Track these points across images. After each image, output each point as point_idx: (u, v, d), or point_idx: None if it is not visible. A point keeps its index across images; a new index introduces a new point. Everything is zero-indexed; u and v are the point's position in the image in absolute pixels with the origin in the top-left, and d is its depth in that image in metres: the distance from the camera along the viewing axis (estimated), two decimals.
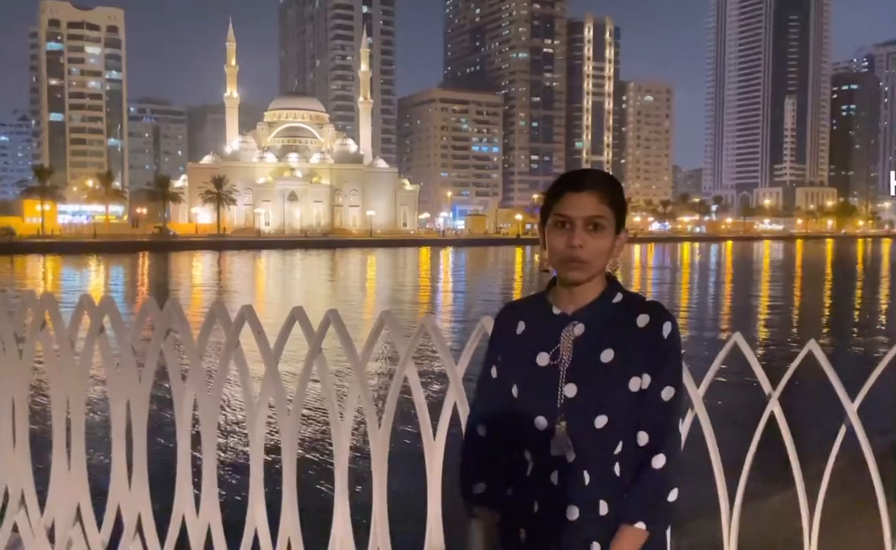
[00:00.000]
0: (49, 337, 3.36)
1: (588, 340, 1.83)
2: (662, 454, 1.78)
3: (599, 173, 1.87)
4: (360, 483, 3.62)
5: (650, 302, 1.85)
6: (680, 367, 1.83)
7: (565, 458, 1.80)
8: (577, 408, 1.79)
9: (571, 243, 1.80)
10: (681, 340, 1.84)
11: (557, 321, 1.87)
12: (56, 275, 52.28)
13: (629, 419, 1.79)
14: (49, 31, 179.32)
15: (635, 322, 1.82)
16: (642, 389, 1.79)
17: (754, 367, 2.89)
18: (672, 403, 1.80)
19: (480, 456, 1.95)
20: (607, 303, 1.86)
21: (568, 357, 1.82)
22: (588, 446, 1.79)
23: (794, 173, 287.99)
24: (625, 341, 1.80)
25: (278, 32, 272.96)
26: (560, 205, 1.82)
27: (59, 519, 3.34)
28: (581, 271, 1.82)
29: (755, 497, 3.28)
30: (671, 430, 1.81)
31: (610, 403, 1.79)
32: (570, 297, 1.87)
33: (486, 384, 1.96)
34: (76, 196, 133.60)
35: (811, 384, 3.45)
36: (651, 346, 1.79)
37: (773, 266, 66.67)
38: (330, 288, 43.59)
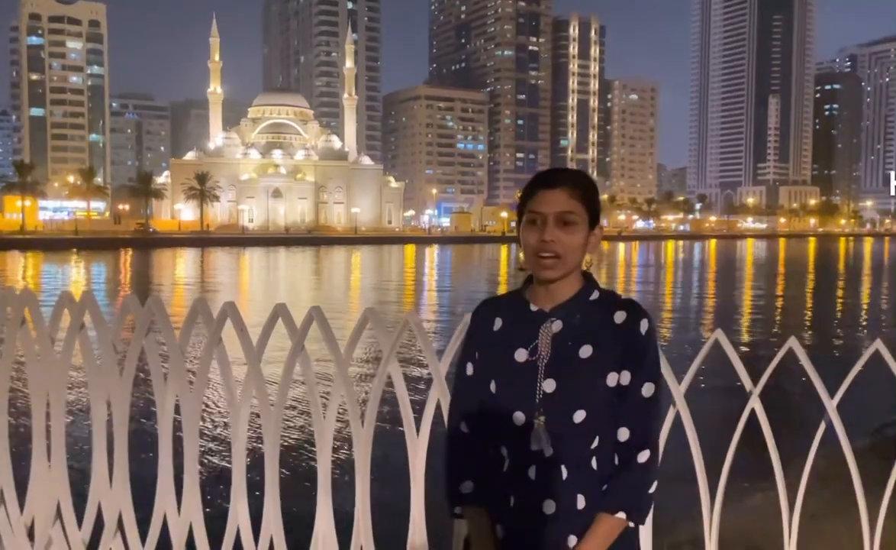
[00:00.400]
0: (29, 334, 3.33)
1: (566, 336, 1.84)
2: (648, 450, 1.82)
3: (572, 171, 1.89)
4: (344, 480, 3.61)
5: (626, 300, 1.87)
6: (658, 363, 1.86)
7: (543, 453, 1.81)
8: (556, 403, 1.81)
9: (543, 238, 1.82)
10: (657, 337, 1.88)
11: (535, 318, 1.88)
12: (36, 272, 51.78)
13: (606, 413, 1.82)
14: (30, 25, 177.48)
15: (612, 319, 1.84)
16: (620, 384, 1.81)
17: (735, 364, 2.90)
18: (652, 399, 1.83)
19: (466, 455, 1.94)
20: (584, 300, 1.87)
21: (546, 353, 1.84)
22: (566, 440, 1.81)
23: (778, 172, 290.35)
24: (602, 337, 1.82)
25: (262, 28, 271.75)
26: (532, 202, 1.85)
27: (39, 517, 3.30)
28: (553, 268, 1.83)
29: (737, 494, 3.30)
30: (654, 426, 1.85)
31: (588, 398, 1.81)
32: (546, 294, 1.88)
33: (463, 382, 1.97)
34: (57, 192, 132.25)
35: (795, 381, 3.48)
36: (629, 343, 1.81)
37: (756, 265, 67.16)
38: (314, 286, 43.46)
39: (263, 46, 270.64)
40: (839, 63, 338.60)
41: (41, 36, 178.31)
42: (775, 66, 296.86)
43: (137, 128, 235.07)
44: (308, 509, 3.13)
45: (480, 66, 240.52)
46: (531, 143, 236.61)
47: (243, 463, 3.03)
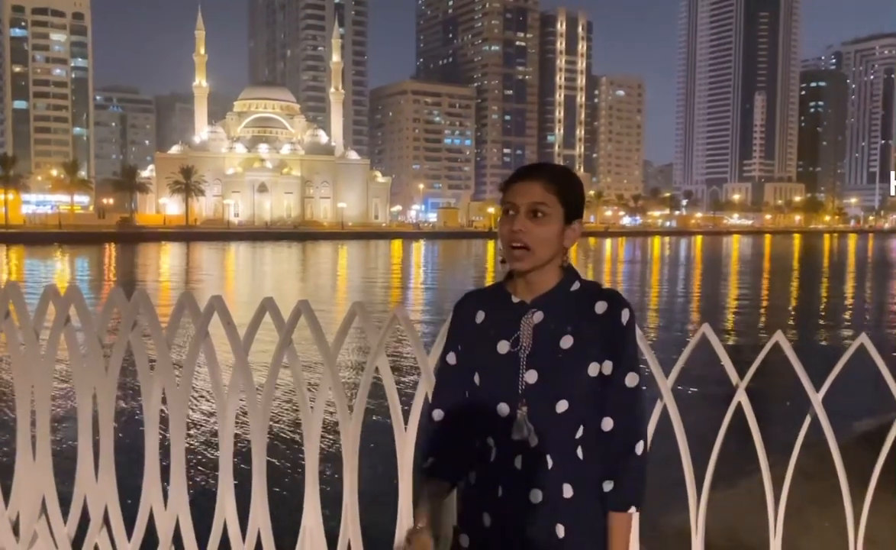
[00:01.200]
0: (13, 328, 3.30)
1: (547, 327, 1.86)
2: (642, 441, 1.85)
3: (550, 165, 1.90)
4: (331, 474, 3.61)
5: (608, 290, 1.89)
6: (636, 353, 1.88)
7: (528, 443, 1.83)
8: (538, 394, 1.82)
9: (513, 227, 1.84)
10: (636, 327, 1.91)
11: (516, 310, 1.89)
12: (20, 265, 51.34)
13: (589, 403, 1.84)
14: (13, 16, 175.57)
15: (594, 309, 1.85)
16: (602, 374, 1.83)
17: (722, 358, 2.92)
18: (637, 388, 1.85)
19: (433, 437, 1.97)
20: (565, 291, 1.89)
21: (528, 344, 1.85)
22: (550, 430, 1.82)
23: (763, 169, 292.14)
24: (583, 327, 1.84)
25: (248, 21, 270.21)
26: (508, 193, 1.87)
27: (24, 512, 3.28)
28: (524, 259, 1.85)
29: (722, 487, 3.32)
30: (641, 415, 1.87)
31: (570, 388, 1.82)
32: (526, 286, 1.90)
33: (444, 373, 2.01)
34: (41, 186, 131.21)
35: (781, 375, 3.50)
36: (610, 333, 1.83)
37: (741, 261, 67.57)
38: (300, 280, 43.35)
39: (249, 40, 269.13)
40: (825, 61, 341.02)
41: (24, 28, 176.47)
42: (761, 64, 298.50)
43: (122, 121, 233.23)
44: (296, 502, 3.12)
45: (468, 61, 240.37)
46: (518, 138, 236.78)
47: (230, 457, 3.03)
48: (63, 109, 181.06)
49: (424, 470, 1.97)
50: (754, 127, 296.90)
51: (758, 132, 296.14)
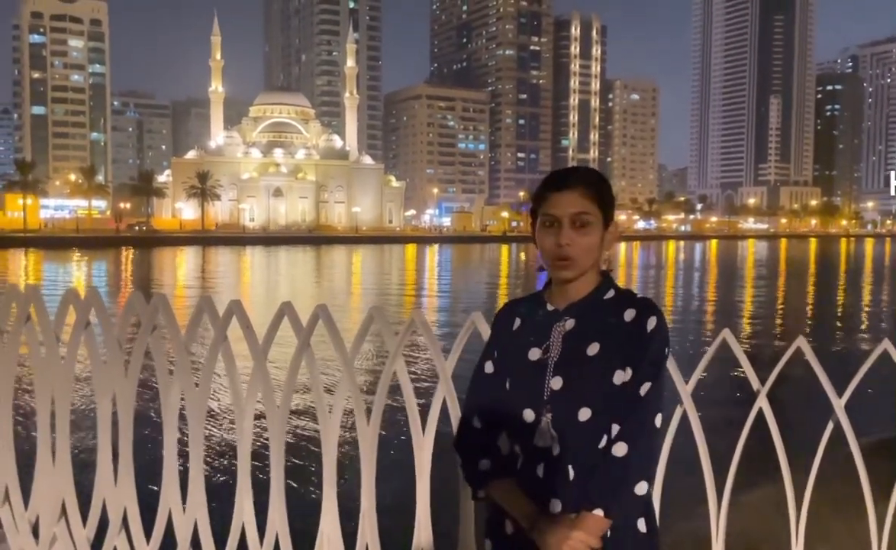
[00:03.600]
0: (34, 331, 3.32)
1: (577, 334, 1.85)
2: (624, 443, 1.76)
3: (584, 170, 1.88)
4: (349, 478, 3.61)
5: (640, 298, 1.86)
6: (661, 363, 1.82)
7: (551, 451, 1.81)
8: (562, 400, 1.81)
9: (559, 241, 1.82)
10: (667, 337, 1.84)
11: (550, 317, 1.90)
12: (38, 270, 51.79)
13: (613, 412, 1.80)
14: (32, 23, 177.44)
15: (623, 317, 1.83)
16: (625, 382, 1.80)
17: (743, 363, 2.89)
18: (647, 397, 1.78)
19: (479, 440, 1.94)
20: (599, 299, 1.87)
21: (557, 351, 1.85)
22: (573, 439, 1.80)
23: (779, 173, 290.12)
24: (611, 335, 1.82)
25: (263, 27, 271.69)
26: (546, 204, 1.85)
27: (44, 514, 3.30)
28: (570, 268, 1.84)
29: (742, 492, 3.29)
30: (640, 422, 1.78)
31: (593, 396, 1.80)
32: (562, 293, 1.90)
33: (479, 378, 1.99)
34: (59, 190, 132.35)
35: (799, 380, 3.47)
36: (634, 339, 1.80)
37: (757, 265, 67.12)
38: (316, 284, 43.46)
39: (265, 45, 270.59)
40: (841, 64, 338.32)
41: (43, 34, 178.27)
42: (777, 67, 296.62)
43: (139, 126, 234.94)
44: (313, 507, 3.12)
45: (482, 65, 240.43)
46: (532, 142, 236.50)
47: (248, 461, 3.03)
48: (81, 115, 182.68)
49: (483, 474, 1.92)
50: (769, 130, 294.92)
51: (773, 136, 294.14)
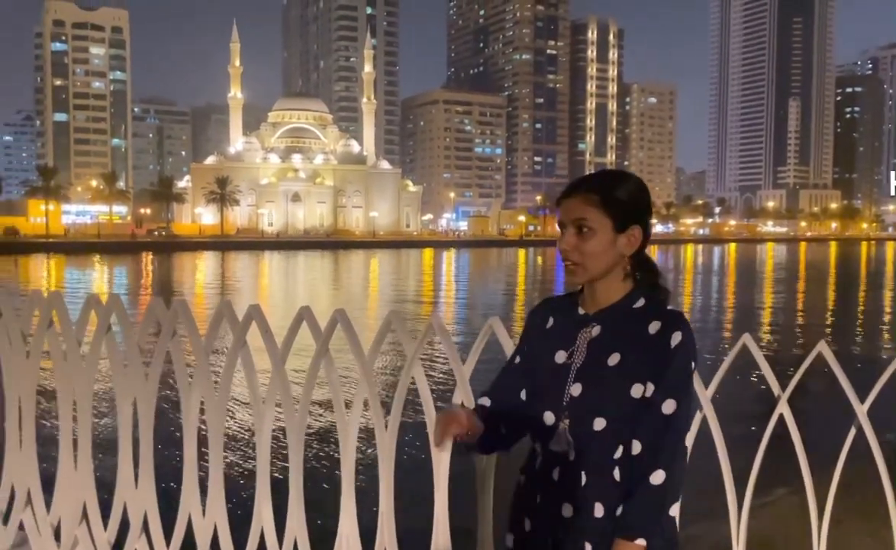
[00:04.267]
0: (56, 336, 3.36)
1: (601, 342, 1.84)
2: (661, 470, 1.74)
3: (595, 176, 1.90)
4: (367, 482, 3.61)
5: (668, 310, 1.83)
6: (686, 380, 1.79)
7: (567, 456, 1.83)
8: (579, 408, 1.81)
9: (561, 245, 1.87)
10: (694, 352, 1.79)
11: (579, 321, 1.90)
12: (60, 274, 52.37)
13: (630, 425, 1.79)
14: (53, 31, 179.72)
15: (647, 329, 1.81)
16: (645, 396, 1.78)
17: (764, 368, 2.87)
18: (673, 417, 1.75)
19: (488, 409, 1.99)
20: (627, 307, 1.86)
21: (581, 358, 1.85)
22: (587, 447, 1.81)
23: (798, 176, 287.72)
24: (633, 346, 1.80)
25: (282, 33, 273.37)
26: (559, 210, 1.90)
27: (66, 518, 3.34)
28: (575, 273, 1.86)
29: (763, 498, 3.27)
30: (671, 445, 1.76)
31: (609, 406, 1.79)
32: (592, 298, 1.90)
33: (505, 370, 2.04)
34: (80, 196, 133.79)
35: (820, 386, 3.44)
36: (657, 354, 1.77)
37: (777, 268, 66.56)
38: (334, 289, 43.61)
39: (283, 51, 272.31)
40: (860, 65, 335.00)
41: (65, 42, 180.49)
42: (795, 69, 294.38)
43: (159, 132, 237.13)
44: (332, 510, 3.14)
45: (498, 69, 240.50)
46: (549, 146, 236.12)
47: (267, 465, 3.04)
48: (102, 121, 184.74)
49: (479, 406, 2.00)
50: (788, 133, 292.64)
51: (792, 138, 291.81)
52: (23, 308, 3.49)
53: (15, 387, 3.46)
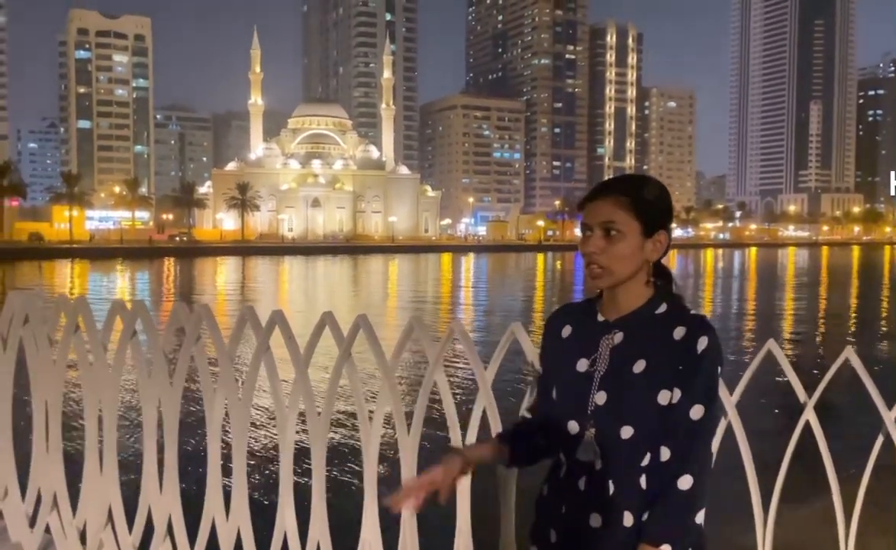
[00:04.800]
0: (82, 341, 3.39)
1: (624, 349, 1.82)
2: (689, 476, 1.72)
3: (622, 179, 1.87)
4: (390, 486, 3.61)
5: (692, 315, 1.81)
6: (713, 386, 1.77)
7: (593, 465, 1.81)
8: (605, 416, 1.80)
9: (587, 249, 1.84)
10: (720, 357, 1.78)
11: (599, 328, 1.88)
12: (84, 280, 52.94)
13: (658, 432, 1.77)
14: (78, 39, 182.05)
15: (672, 334, 1.78)
16: (672, 403, 1.76)
17: (789, 375, 2.84)
18: (701, 422, 1.74)
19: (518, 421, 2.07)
20: (649, 313, 1.84)
21: (604, 365, 1.83)
22: (614, 455, 1.79)
23: (820, 179, 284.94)
24: (658, 352, 1.78)
25: (302, 40, 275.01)
26: (583, 213, 1.87)
27: (91, 521, 3.37)
28: (600, 277, 1.83)
29: (788, 506, 3.24)
30: (699, 451, 1.75)
31: (636, 414, 1.77)
32: (613, 304, 1.88)
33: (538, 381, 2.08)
34: (103, 202, 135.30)
35: (846, 392, 3.40)
36: (683, 360, 1.75)
37: (798, 273, 65.91)
38: (354, 294, 43.74)
39: (303, 58, 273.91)
40: (883, 68, 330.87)
41: (88, 50, 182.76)
42: (817, 72, 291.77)
43: (180, 139, 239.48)
44: (354, 516, 3.14)
45: (517, 74, 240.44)
46: (568, 151, 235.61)
47: (290, 469, 3.05)
48: (125, 128, 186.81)
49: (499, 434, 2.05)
50: (810, 136, 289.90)
51: (814, 142, 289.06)
52: (49, 313, 3.54)
53: (41, 391, 3.50)
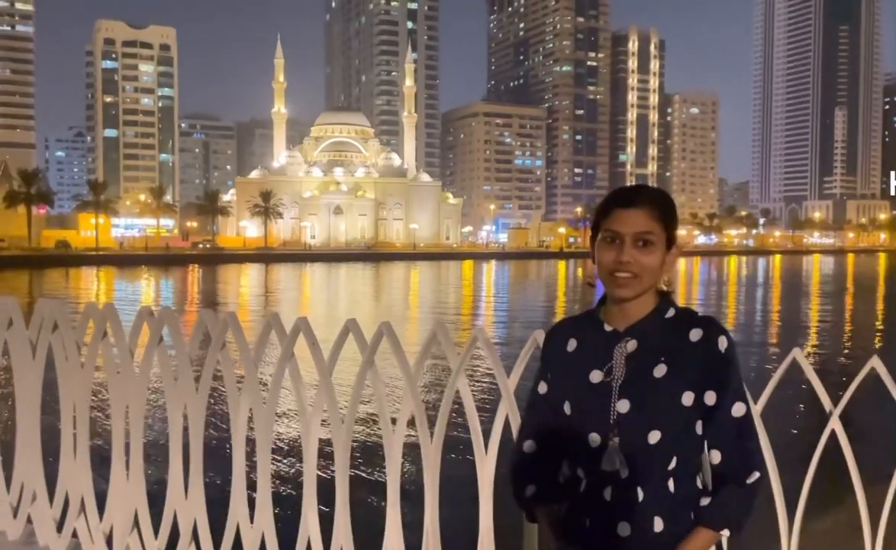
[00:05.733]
0: (110, 347, 3.44)
1: (641, 356, 1.82)
2: (756, 472, 1.78)
3: (650, 189, 1.87)
4: (413, 494, 3.63)
5: (703, 317, 1.83)
6: (741, 382, 1.81)
7: (619, 474, 1.79)
8: (631, 424, 1.79)
9: (620, 258, 1.80)
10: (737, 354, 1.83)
11: (609, 338, 1.86)
12: (110, 286, 53.52)
13: (684, 434, 1.78)
14: (104, 49, 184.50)
15: (688, 337, 1.80)
16: (703, 404, 1.78)
17: (814, 383, 2.82)
18: (745, 418, 1.79)
19: (528, 466, 1.98)
20: (659, 319, 1.85)
21: (621, 374, 1.82)
22: (642, 461, 1.78)
23: (845, 186, 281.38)
24: (677, 355, 1.79)
25: (325, 49, 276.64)
26: (609, 220, 1.83)
27: (118, 526, 3.41)
28: (629, 287, 1.82)
29: (814, 516, 3.21)
30: (755, 446, 1.82)
31: (663, 418, 1.77)
32: (621, 314, 1.87)
33: (534, 404, 2.00)
34: (129, 210, 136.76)
35: (872, 401, 3.36)
36: (707, 361, 1.77)
37: (823, 281, 65.10)
38: (376, 301, 43.83)
39: (326, 66, 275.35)
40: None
41: (115, 60, 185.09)
42: (842, 77, 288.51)
43: (205, 147, 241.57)
44: (377, 522, 3.15)
45: (538, 82, 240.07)
46: (589, 158, 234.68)
47: (314, 475, 3.08)
48: (150, 137, 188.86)
49: (528, 500, 1.97)
50: (835, 142, 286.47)
51: (839, 148, 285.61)
52: (77, 320, 3.59)
53: (70, 397, 3.56)
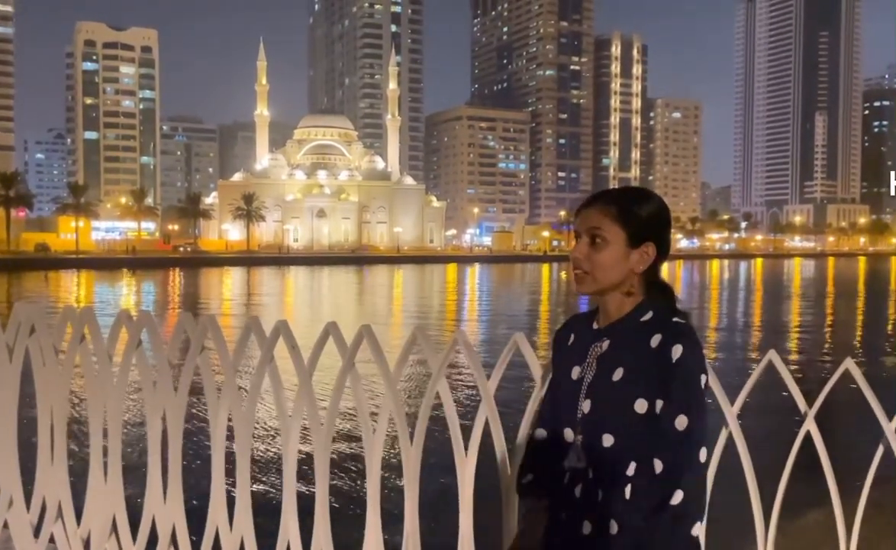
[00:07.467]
0: (88, 351, 3.42)
1: (609, 357, 1.83)
2: (680, 491, 1.70)
3: (616, 190, 1.89)
4: (393, 498, 3.63)
5: (672, 322, 1.78)
6: (694, 394, 1.72)
7: (587, 472, 1.82)
8: (590, 424, 1.81)
9: (573, 253, 1.86)
10: (700, 364, 1.74)
11: (593, 336, 1.89)
12: (90, 290, 53.06)
13: (639, 441, 1.74)
14: (85, 51, 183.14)
15: (649, 342, 1.77)
16: (651, 412, 1.74)
17: (790, 385, 2.85)
18: (686, 433, 1.70)
19: (531, 454, 2.01)
20: (635, 321, 1.84)
21: (591, 373, 1.84)
22: (599, 463, 1.80)
23: (825, 190, 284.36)
24: (635, 360, 1.78)
25: (308, 52, 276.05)
26: (575, 219, 1.90)
27: (95, 530, 3.38)
28: (583, 283, 1.84)
29: (789, 517, 3.23)
30: (687, 463, 1.72)
31: (615, 422, 1.77)
32: (603, 313, 1.89)
33: (546, 394, 2.08)
34: (110, 213, 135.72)
35: (847, 403, 3.40)
36: (660, 369, 1.74)
37: (803, 284, 65.72)
38: (359, 304, 43.74)
39: (309, 69, 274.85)
40: (888, 79, 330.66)
41: (95, 61, 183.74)
42: (822, 83, 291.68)
43: (187, 150, 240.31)
44: (357, 525, 3.15)
45: (522, 86, 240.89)
46: (573, 162, 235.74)
47: (294, 480, 3.07)
48: (131, 139, 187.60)
49: (523, 486, 2.01)
50: (815, 147, 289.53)
51: (819, 153, 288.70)
52: (55, 323, 3.56)
53: (47, 401, 3.52)
